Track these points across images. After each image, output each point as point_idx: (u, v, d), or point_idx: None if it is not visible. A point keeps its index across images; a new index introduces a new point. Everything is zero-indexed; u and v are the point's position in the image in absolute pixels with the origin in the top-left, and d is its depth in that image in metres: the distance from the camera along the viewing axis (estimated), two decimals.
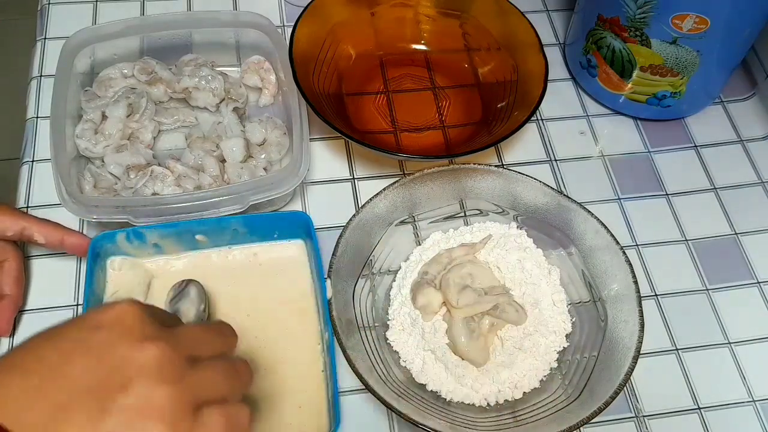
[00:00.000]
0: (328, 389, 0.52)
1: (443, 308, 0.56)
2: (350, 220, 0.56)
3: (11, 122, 0.80)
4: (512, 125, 0.61)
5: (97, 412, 0.32)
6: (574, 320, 0.57)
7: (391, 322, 0.56)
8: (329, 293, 0.52)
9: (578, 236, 0.58)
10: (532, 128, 0.70)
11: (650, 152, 0.70)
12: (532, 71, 0.65)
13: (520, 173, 0.59)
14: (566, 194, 0.58)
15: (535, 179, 0.59)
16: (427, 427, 0.48)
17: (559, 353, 0.55)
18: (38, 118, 0.67)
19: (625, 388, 0.51)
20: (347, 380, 0.53)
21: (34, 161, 0.64)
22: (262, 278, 0.58)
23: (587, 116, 0.72)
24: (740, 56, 0.67)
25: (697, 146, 0.70)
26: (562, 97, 0.73)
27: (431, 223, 0.61)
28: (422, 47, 0.73)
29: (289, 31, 0.66)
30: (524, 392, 0.53)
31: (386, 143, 0.66)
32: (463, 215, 0.61)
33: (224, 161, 0.63)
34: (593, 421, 0.48)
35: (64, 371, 0.33)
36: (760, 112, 0.73)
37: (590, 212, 0.57)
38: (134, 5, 0.75)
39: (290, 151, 0.64)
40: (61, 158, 0.57)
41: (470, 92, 0.71)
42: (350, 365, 0.49)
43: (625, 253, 0.55)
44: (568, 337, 0.56)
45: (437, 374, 0.53)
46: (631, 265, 0.54)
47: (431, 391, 0.53)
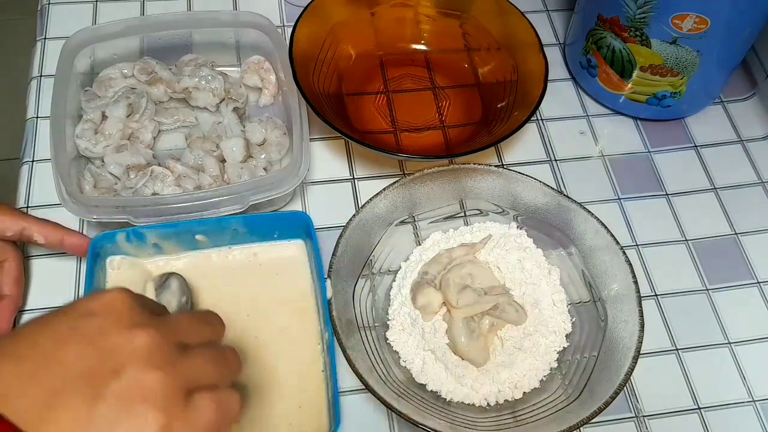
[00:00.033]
0: (328, 389, 0.52)
1: (443, 308, 0.56)
2: (350, 220, 0.56)
3: (11, 122, 0.80)
4: (512, 125, 0.61)
5: (90, 397, 0.32)
6: (574, 320, 0.57)
7: (391, 322, 0.56)
8: (329, 293, 0.52)
9: (578, 236, 0.58)
10: (532, 128, 0.70)
11: (650, 152, 0.70)
12: (532, 71, 0.65)
13: (520, 173, 0.59)
14: (566, 194, 0.58)
15: (535, 179, 0.59)
16: (427, 427, 0.48)
17: (559, 353, 0.55)
18: (38, 118, 0.67)
19: (625, 388, 0.51)
20: (347, 380, 0.53)
21: (34, 161, 0.64)
22: (262, 278, 0.58)
23: (587, 116, 0.72)
24: (740, 56, 0.67)
25: (697, 146, 0.70)
26: (562, 97, 0.73)
27: (431, 223, 0.61)
28: (422, 47, 0.73)
29: (289, 31, 0.66)
30: (524, 392, 0.53)
31: (386, 143, 0.66)
32: (463, 215, 0.61)
33: (224, 161, 0.63)
34: (593, 421, 0.48)
35: (57, 357, 0.33)
36: (760, 112, 0.73)
37: (590, 212, 0.57)
38: (134, 5, 0.75)
39: (290, 151, 0.64)
40: (61, 158, 0.57)
41: (470, 92, 0.71)
42: (350, 365, 0.49)
43: (625, 253, 0.55)
44: (568, 337, 0.56)
45: (437, 374, 0.53)
46: (631, 265, 0.54)
47: (431, 391, 0.53)
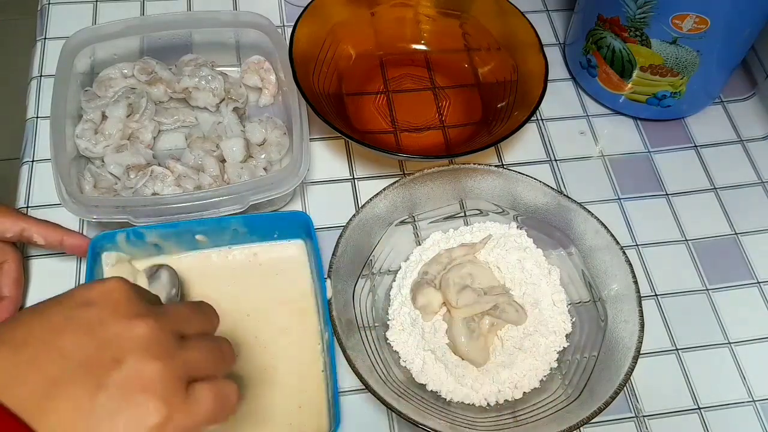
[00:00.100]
0: (328, 389, 0.52)
1: (443, 308, 0.56)
2: (350, 220, 0.56)
3: (11, 122, 0.80)
4: (512, 125, 0.61)
5: (92, 386, 0.32)
6: (574, 320, 0.57)
7: (391, 322, 0.56)
8: (329, 293, 0.52)
9: (578, 236, 0.58)
10: (532, 128, 0.70)
11: (650, 152, 0.70)
12: (532, 71, 0.65)
13: (520, 173, 0.59)
14: (566, 194, 0.58)
15: (535, 179, 0.59)
16: (427, 427, 0.48)
17: (559, 353, 0.55)
18: (38, 118, 0.67)
19: (625, 388, 0.51)
20: (347, 380, 0.53)
21: (34, 161, 0.64)
22: (262, 278, 0.58)
23: (587, 116, 0.72)
24: (740, 56, 0.67)
25: (697, 146, 0.70)
26: (562, 97, 0.73)
27: (431, 223, 0.61)
28: (422, 47, 0.73)
29: (289, 31, 0.66)
30: (524, 392, 0.53)
31: (386, 143, 0.66)
32: (463, 215, 0.61)
33: (224, 161, 0.63)
34: (593, 421, 0.48)
35: (56, 346, 0.33)
36: (760, 112, 0.73)
37: (590, 212, 0.57)
38: (134, 5, 0.75)
39: (290, 151, 0.64)
40: (61, 158, 0.57)
41: (470, 92, 0.71)
42: (350, 365, 0.49)
43: (625, 253, 0.55)
44: (568, 337, 0.56)
45: (437, 374, 0.53)
46: (631, 265, 0.54)
47: (431, 391, 0.53)
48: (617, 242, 0.55)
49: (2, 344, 0.33)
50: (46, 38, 0.73)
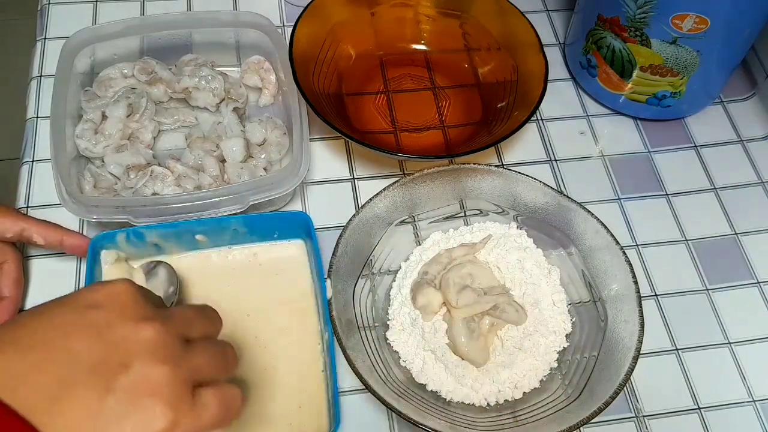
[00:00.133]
0: (328, 389, 0.52)
1: (443, 308, 0.56)
2: (350, 220, 0.56)
3: (11, 122, 0.80)
4: (512, 125, 0.61)
5: (101, 390, 0.32)
6: (574, 320, 0.57)
7: (391, 322, 0.56)
8: (329, 293, 0.52)
9: (578, 236, 0.58)
10: (532, 128, 0.70)
11: (650, 152, 0.70)
12: (532, 71, 0.65)
13: (520, 173, 0.59)
14: (566, 194, 0.58)
15: (535, 179, 0.59)
16: (427, 427, 0.48)
17: (559, 353, 0.55)
18: (38, 118, 0.67)
19: (625, 388, 0.51)
20: (347, 380, 0.53)
21: (34, 161, 0.64)
22: (262, 278, 0.58)
23: (587, 116, 0.72)
24: (740, 56, 0.67)
25: (697, 146, 0.70)
26: (562, 97, 0.73)
27: (431, 223, 0.61)
28: (422, 47, 0.73)
29: (289, 31, 0.66)
30: (524, 392, 0.53)
31: (386, 143, 0.66)
32: (463, 215, 0.61)
33: (224, 161, 0.63)
34: (593, 421, 0.48)
35: (64, 348, 0.33)
36: (760, 112, 0.73)
37: (590, 212, 0.57)
38: (134, 5, 0.75)
39: (290, 151, 0.64)
40: (61, 158, 0.57)
41: (470, 92, 0.71)
42: (350, 365, 0.49)
43: (625, 253, 0.55)
44: (568, 337, 0.56)
45: (437, 374, 0.53)
46: (631, 265, 0.54)
47: (431, 391, 0.53)
48: (617, 242, 0.55)
49: (7, 346, 0.33)
50: (46, 38, 0.73)
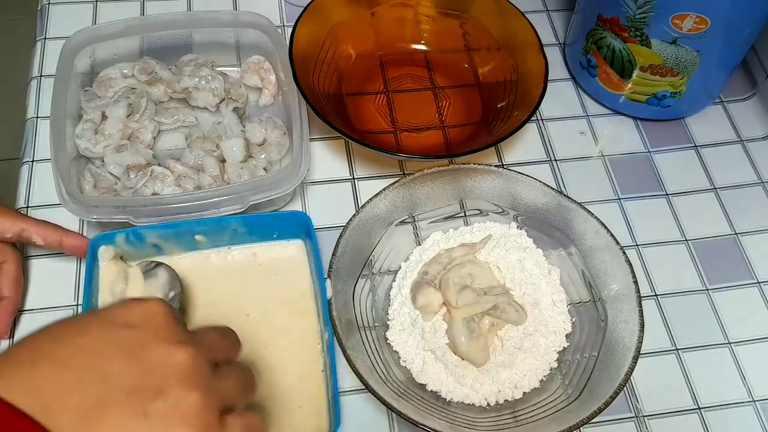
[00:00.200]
0: (328, 389, 0.52)
1: (443, 308, 0.56)
2: (350, 220, 0.56)
3: (11, 122, 0.80)
4: (512, 125, 0.61)
5: (136, 414, 0.32)
6: (574, 320, 0.57)
7: (391, 322, 0.56)
8: (329, 293, 0.52)
9: (578, 236, 0.58)
10: (532, 128, 0.70)
11: (650, 152, 0.70)
12: (532, 71, 0.65)
13: (520, 173, 0.59)
14: (566, 194, 0.58)
15: (535, 179, 0.59)
16: (427, 427, 0.48)
17: (559, 353, 0.55)
18: (38, 118, 0.67)
19: (625, 388, 0.51)
20: (347, 380, 0.53)
21: (34, 161, 0.64)
22: (261, 278, 0.58)
23: (587, 116, 0.72)
24: (740, 56, 0.67)
25: (697, 146, 0.70)
26: (562, 97, 0.73)
27: (431, 223, 0.61)
28: (422, 47, 0.73)
29: (289, 31, 0.66)
30: (524, 392, 0.53)
31: (386, 143, 0.66)
32: (463, 215, 0.61)
33: (224, 161, 0.63)
34: (593, 421, 0.48)
35: (99, 367, 0.33)
36: (760, 112, 0.73)
37: (590, 212, 0.57)
38: (134, 5, 0.75)
39: (290, 151, 0.63)
40: (61, 158, 0.57)
41: (470, 92, 0.71)
42: (350, 365, 0.49)
43: (625, 253, 0.55)
44: (568, 337, 0.56)
45: (437, 374, 0.53)
46: (631, 265, 0.54)
47: (431, 391, 0.53)
48: (617, 242, 0.55)
49: (42, 362, 0.33)
50: (46, 38, 0.73)
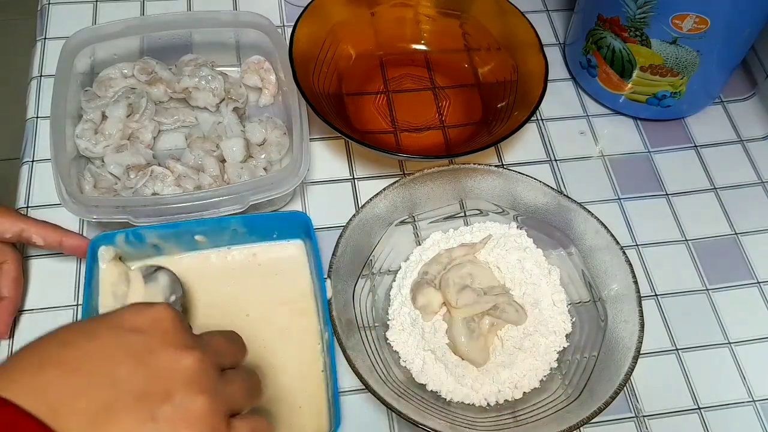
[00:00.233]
0: (328, 389, 0.52)
1: (443, 308, 0.56)
2: (350, 220, 0.56)
3: (11, 122, 0.80)
4: (512, 125, 0.61)
5: (143, 418, 0.33)
6: (574, 320, 0.57)
7: (391, 322, 0.56)
8: (329, 293, 0.52)
9: (578, 236, 0.58)
10: (532, 128, 0.70)
11: (650, 152, 0.70)
12: (532, 71, 0.65)
13: (520, 173, 0.59)
14: (566, 194, 0.58)
15: (535, 179, 0.59)
16: (427, 427, 0.48)
17: (559, 353, 0.55)
18: (38, 118, 0.67)
19: (625, 388, 0.51)
20: (347, 380, 0.53)
21: (34, 161, 0.64)
22: (261, 278, 0.58)
23: (587, 116, 0.72)
24: (740, 56, 0.67)
25: (697, 146, 0.70)
26: (562, 97, 0.73)
27: (431, 223, 0.61)
28: (422, 47, 0.73)
29: (289, 31, 0.66)
30: (524, 392, 0.53)
31: (386, 143, 0.66)
32: (463, 215, 0.61)
33: (224, 161, 0.63)
34: (593, 421, 0.48)
35: (108, 372, 0.33)
36: (760, 112, 0.73)
37: (590, 212, 0.57)
38: (134, 5, 0.75)
39: (290, 151, 0.63)
40: (61, 158, 0.57)
41: (470, 92, 0.71)
42: (350, 365, 0.49)
43: (625, 253, 0.55)
44: (568, 337, 0.56)
45: (437, 374, 0.53)
46: (631, 265, 0.54)
47: (431, 391, 0.53)
48: (617, 242, 0.55)
49: (50, 366, 0.33)
50: (46, 38, 0.73)
